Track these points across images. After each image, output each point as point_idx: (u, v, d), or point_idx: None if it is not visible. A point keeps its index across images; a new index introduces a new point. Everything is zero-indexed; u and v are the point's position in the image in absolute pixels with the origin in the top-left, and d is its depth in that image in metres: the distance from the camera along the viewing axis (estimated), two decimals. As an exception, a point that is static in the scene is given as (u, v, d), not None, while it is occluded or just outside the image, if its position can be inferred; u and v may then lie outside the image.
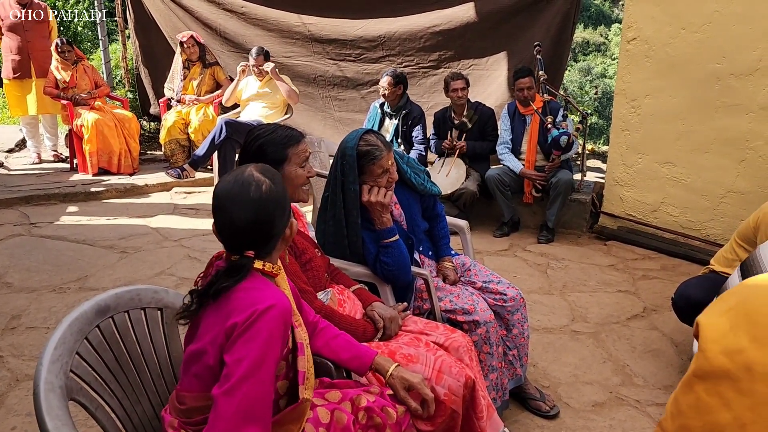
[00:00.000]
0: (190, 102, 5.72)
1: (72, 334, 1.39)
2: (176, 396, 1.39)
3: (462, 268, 2.50)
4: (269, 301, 1.26)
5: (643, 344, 2.99)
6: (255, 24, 5.94)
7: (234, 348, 1.24)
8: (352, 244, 2.24)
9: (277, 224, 1.36)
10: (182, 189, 5.43)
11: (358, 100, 5.84)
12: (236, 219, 1.32)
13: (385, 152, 2.12)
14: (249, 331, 1.23)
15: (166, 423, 1.40)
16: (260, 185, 1.34)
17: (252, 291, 1.30)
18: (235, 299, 1.29)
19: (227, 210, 1.33)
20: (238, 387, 1.21)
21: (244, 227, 1.32)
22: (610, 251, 4.23)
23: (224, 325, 1.26)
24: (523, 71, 4.42)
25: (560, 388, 2.61)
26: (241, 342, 1.23)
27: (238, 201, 1.32)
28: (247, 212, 1.32)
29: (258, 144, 1.84)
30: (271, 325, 1.24)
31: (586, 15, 16.00)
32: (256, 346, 1.23)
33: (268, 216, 1.34)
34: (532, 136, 4.46)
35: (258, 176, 1.36)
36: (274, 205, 1.34)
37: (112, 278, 3.58)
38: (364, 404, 1.50)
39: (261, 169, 1.39)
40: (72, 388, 1.35)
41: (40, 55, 5.71)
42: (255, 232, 1.34)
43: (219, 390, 1.22)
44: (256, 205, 1.32)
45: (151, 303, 1.62)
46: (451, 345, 1.95)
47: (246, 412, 1.21)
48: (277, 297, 1.29)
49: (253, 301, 1.27)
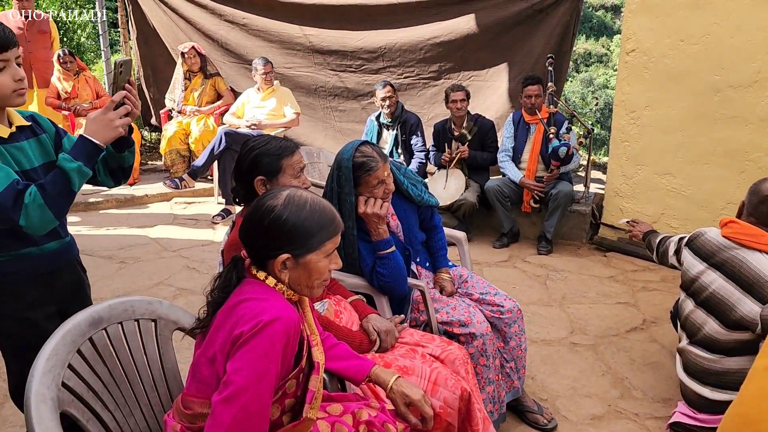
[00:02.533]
0: (191, 113, 5.73)
1: (64, 345, 1.39)
2: (182, 401, 1.39)
3: (459, 280, 2.49)
4: (274, 314, 1.26)
5: (642, 357, 2.96)
6: (256, 35, 5.97)
7: (236, 356, 1.25)
8: (348, 256, 2.24)
9: (261, 244, 1.36)
10: (182, 199, 5.44)
11: (359, 111, 5.86)
12: (246, 218, 1.39)
13: (380, 163, 2.12)
14: (251, 342, 1.24)
15: (168, 427, 1.40)
16: (270, 200, 1.36)
17: (261, 302, 1.31)
18: (243, 308, 1.31)
19: (252, 207, 1.40)
20: (237, 397, 1.22)
21: (246, 228, 1.38)
22: (609, 263, 4.22)
23: (231, 334, 1.28)
24: (533, 79, 4.43)
25: (558, 401, 2.59)
26: (243, 351, 1.24)
27: (256, 205, 1.38)
28: (249, 214, 1.38)
29: (252, 155, 1.85)
30: (274, 338, 1.25)
31: (587, 26, 16.05)
32: (257, 357, 1.24)
33: (255, 229, 1.36)
34: (535, 146, 4.44)
35: (281, 195, 1.37)
36: (265, 225, 1.34)
37: (110, 288, 3.59)
38: (366, 418, 1.50)
39: (294, 194, 1.38)
40: (63, 400, 1.33)
41: (42, 65, 5.75)
42: (245, 236, 1.39)
43: (218, 397, 1.23)
44: (255, 213, 1.36)
45: (144, 314, 1.61)
46: (447, 357, 1.95)
47: (243, 423, 1.22)
48: (284, 310, 1.29)
49: (259, 311, 1.28)
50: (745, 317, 2.01)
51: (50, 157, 1.69)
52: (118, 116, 1.58)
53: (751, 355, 2.05)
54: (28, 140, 1.65)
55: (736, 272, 2.08)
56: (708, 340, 2.13)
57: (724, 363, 2.08)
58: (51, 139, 1.72)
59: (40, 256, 1.69)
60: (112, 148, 1.70)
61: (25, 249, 1.66)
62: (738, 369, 2.06)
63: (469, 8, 5.23)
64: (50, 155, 1.70)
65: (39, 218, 1.49)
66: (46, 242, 1.69)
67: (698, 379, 2.15)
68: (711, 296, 2.13)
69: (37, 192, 1.49)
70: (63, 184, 1.51)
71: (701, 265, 2.21)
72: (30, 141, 1.66)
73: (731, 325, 2.06)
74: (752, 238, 2.09)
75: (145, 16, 6.25)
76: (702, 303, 2.17)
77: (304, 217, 1.34)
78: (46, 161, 1.68)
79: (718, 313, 2.09)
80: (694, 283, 2.22)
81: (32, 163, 1.64)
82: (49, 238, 1.70)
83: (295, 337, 1.32)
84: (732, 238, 2.14)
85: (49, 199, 1.49)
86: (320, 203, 1.39)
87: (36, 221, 1.49)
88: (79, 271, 1.87)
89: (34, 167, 1.64)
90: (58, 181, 1.51)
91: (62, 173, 1.51)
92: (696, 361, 2.16)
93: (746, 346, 2.05)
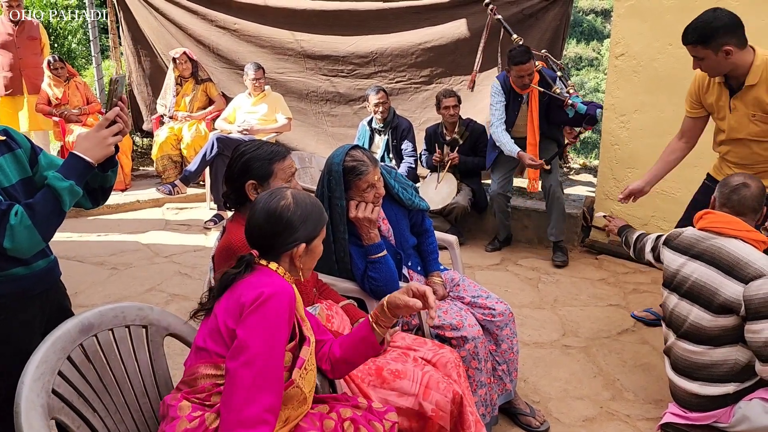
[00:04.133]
0: (182, 118, 5.71)
1: (54, 352, 1.38)
2: (186, 372, 1.46)
3: (451, 284, 2.50)
4: (276, 287, 1.38)
5: (633, 358, 2.98)
6: (248, 40, 5.96)
7: (246, 323, 1.34)
8: (340, 260, 2.25)
9: (280, 239, 1.47)
10: (174, 205, 5.41)
11: (351, 116, 5.85)
12: (251, 218, 1.50)
13: (371, 167, 2.13)
14: (259, 311, 1.34)
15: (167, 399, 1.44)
16: (281, 200, 1.48)
17: (261, 278, 1.43)
18: (244, 284, 1.42)
19: (253, 209, 1.50)
20: (255, 360, 1.31)
21: (253, 227, 1.50)
22: (601, 265, 4.24)
23: (236, 303, 1.38)
24: (523, 54, 3.84)
25: (550, 404, 2.60)
26: (254, 319, 1.34)
27: (260, 204, 1.49)
28: (260, 217, 1.47)
29: (244, 159, 1.86)
30: (278, 307, 1.36)
31: (578, 30, 16.12)
32: (268, 324, 1.34)
33: (273, 228, 1.47)
34: (533, 116, 3.98)
35: (288, 195, 1.50)
36: (283, 222, 1.46)
37: (101, 295, 3.57)
38: (350, 415, 1.55)
39: (296, 194, 1.52)
40: (54, 407, 1.34)
41: (32, 72, 5.71)
42: (260, 236, 1.49)
43: (236, 362, 1.32)
44: (268, 214, 1.47)
45: (135, 320, 1.61)
46: (438, 361, 1.96)
47: (263, 382, 1.31)
48: (284, 286, 1.41)
49: (261, 285, 1.39)
50: (728, 299, 2.04)
51: (27, 173, 1.61)
52: (111, 134, 1.55)
53: (736, 345, 2.08)
54: (3, 156, 1.56)
55: (716, 258, 2.12)
56: (693, 329, 2.15)
57: (711, 355, 2.11)
58: (26, 154, 1.63)
59: (29, 276, 1.60)
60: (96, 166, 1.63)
61: (13, 269, 1.56)
62: (725, 360, 2.08)
63: (459, 13, 5.24)
64: (27, 171, 1.61)
65: (27, 240, 1.44)
66: (34, 261, 1.61)
67: (687, 375, 2.17)
68: (693, 285, 2.17)
69: (23, 212, 1.43)
70: (53, 204, 1.46)
71: (681, 258, 2.25)
72: (5, 156, 1.57)
73: (716, 310, 2.08)
74: (728, 225, 2.16)
75: (136, 22, 6.23)
76: (685, 294, 2.20)
77: (309, 210, 1.50)
78: (23, 177, 1.59)
79: (703, 301, 2.13)
80: (676, 276, 2.26)
81: (10, 180, 1.55)
82: (38, 257, 1.62)
83: (293, 312, 1.42)
84: (708, 229, 2.21)
85: (37, 219, 1.44)
86: (311, 196, 1.57)
87: (23, 243, 1.44)
88: (64, 290, 1.80)
89: (12, 184, 1.55)
90: (48, 201, 1.46)
91: (53, 192, 1.46)
92: (684, 356, 2.18)
93: (731, 333, 2.07)
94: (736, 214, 2.19)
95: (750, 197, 2.18)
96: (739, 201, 2.18)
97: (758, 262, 2.03)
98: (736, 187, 2.20)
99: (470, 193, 4.59)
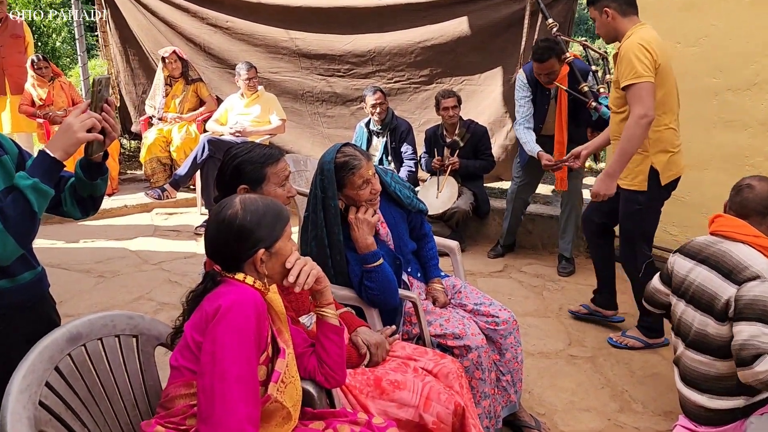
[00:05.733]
0: (172, 120, 5.58)
1: (42, 362, 1.35)
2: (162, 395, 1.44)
3: (452, 291, 2.45)
4: (238, 295, 1.37)
5: (642, 368, 2.91)
6: (240, 39, 5.83)
7: (212, 335, 1.32)
8: (336, 265, 2.17)
9: (237, 248, 1.44)
10: (163, 210, 5.29)
11: (348, 117, 5.74)
12: (206, 233, 1.49)
13: (364, 161, 2.07)
14: (224, 321, 1.32)
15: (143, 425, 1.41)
16: (228, 209, 1.45)
17: (225, 288, 1.43)
18: (208, 298, 1.42)
19: (207, 223, 1.51)
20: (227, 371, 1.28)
21: (208, 242, 1.48)
22: (607, 272, 4.12)
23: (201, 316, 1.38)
24: (543, 52, 3.58)
25: (556, 416, 2.53)
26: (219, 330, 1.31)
27: (211, 217, 1.49)
28: (212, 229, 1.47)
29: (235, 163, 1.81)
30: (242, 315, 1.34)
31: (583, 28, 16.14)
32: (234, 333, 1.31)
33: (226, 238, 1.44)
34: (562, 112, 3.74)
35: (236, 202, 1.47)
36: (235, 229, 1.43)
37: (88, 304, 3.47)
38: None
39: (245, 198, 1.49)
40: (41, 420, 1.30)
41: (16, 71, 5.55)
42: (218, 250, 1.47)
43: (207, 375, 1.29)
44: (219, 225, 1.45)
45: (125, 330, 1.59)
46: (440, 371, 1.92)
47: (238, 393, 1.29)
48: (247, 293, 1.39)
49: (222, 295, 1.39)
50: (725, 302, 2.03)
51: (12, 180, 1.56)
52: (80, 121, 1.46)
53: None
54: None
55: (720, 262, 2.11)
56: (700, 336, 2.12)
57: (719, 367, 2.07)
58: (13, 161, 1.57)
59: (14, 289, 1.55)
60: (84, 174, 1.60)
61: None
62: (732, 373, 2.04)
63: (460, 10, 5.13)
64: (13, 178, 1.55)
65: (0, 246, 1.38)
66: (19, 273, 1.55)
67: (695, 386, 2.14)
68: (696, 290, 2.15)
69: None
70: (22, 205, 1.40)
71: (690, 263, 2.24)
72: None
73: (718, 316, 2.06)
74: (735, 229, 2.14)
75: (124, 20, 6.09)
76: (690, 300, 2.18)
77: (263, 213, 1.46)
78: (8, 185, 1.52)
79: (705, 305, 2.11)
80: (684, 282, 2.24)
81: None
82: (23, 269, 1.56)
83: (264, 319, 1.40)
84: (719, 233, 2.19)
85: (9, 223, 1.38)
86: (267, 198, 1.56)
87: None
88: (53, 303, 1.74)
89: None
90: (17, 203, 1.39)
91: (19, 192, 1.40)
92: (692, 367, 2.15)
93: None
94: (740, 216, 2.16)
95: (753, 199, 2.14)
96: (740, 202, 2.17)
97: (757, 266, 2.01)
98: (740, 188, 2.19)
99: (472, 198, 4.48)
